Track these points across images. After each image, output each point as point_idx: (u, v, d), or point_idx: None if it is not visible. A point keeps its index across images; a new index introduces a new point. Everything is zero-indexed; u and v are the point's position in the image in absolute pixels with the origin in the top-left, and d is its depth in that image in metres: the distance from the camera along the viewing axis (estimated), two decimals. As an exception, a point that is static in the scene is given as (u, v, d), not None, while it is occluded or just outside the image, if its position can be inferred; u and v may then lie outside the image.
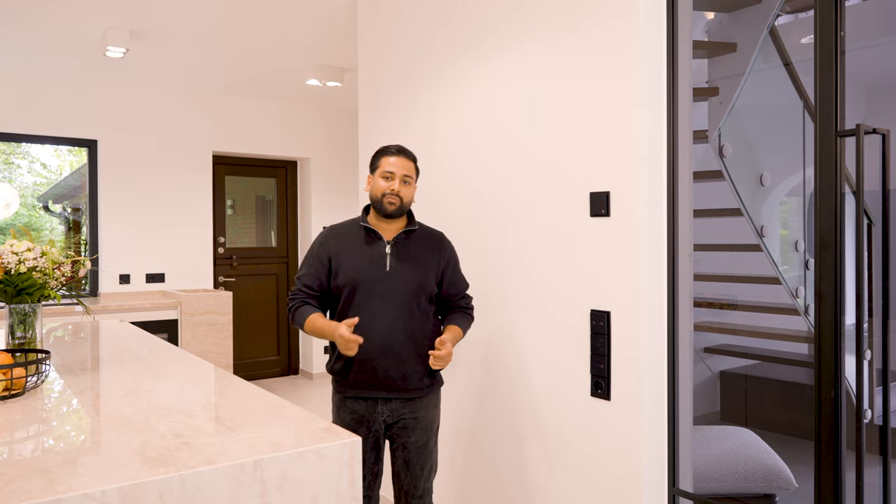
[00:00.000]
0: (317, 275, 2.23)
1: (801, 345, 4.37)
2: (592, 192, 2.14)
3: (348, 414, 2.21)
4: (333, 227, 2.32)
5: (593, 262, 2.16)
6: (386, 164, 2.22)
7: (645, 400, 2.01)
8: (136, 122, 5.49)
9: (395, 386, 2.18)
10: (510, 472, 2.53)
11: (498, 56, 2.55)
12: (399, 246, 2.22)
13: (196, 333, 5.04)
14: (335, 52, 4.56)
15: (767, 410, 4.27)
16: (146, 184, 5.53)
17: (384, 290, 2.16)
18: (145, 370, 2.03)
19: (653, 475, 2.03)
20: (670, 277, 2.03)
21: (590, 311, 2.16)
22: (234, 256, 6.19)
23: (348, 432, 1.43)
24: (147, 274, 5.51)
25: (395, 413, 2.22)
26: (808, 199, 3.97)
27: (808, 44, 4.03)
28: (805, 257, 3.62)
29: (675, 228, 2.03)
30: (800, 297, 3.56)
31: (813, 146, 3.25)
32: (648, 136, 2.02)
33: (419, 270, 2.21)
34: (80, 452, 1.26)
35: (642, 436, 2.00)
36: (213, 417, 1.52)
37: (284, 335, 6.49)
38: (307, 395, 5.80)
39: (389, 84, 3.24)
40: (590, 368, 2.16)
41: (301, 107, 6.31)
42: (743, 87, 3.17)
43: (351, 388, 2.20)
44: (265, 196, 6.50)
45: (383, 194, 2.20)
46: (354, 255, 2.20)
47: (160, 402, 1.63)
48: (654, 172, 2.03)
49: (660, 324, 2.03)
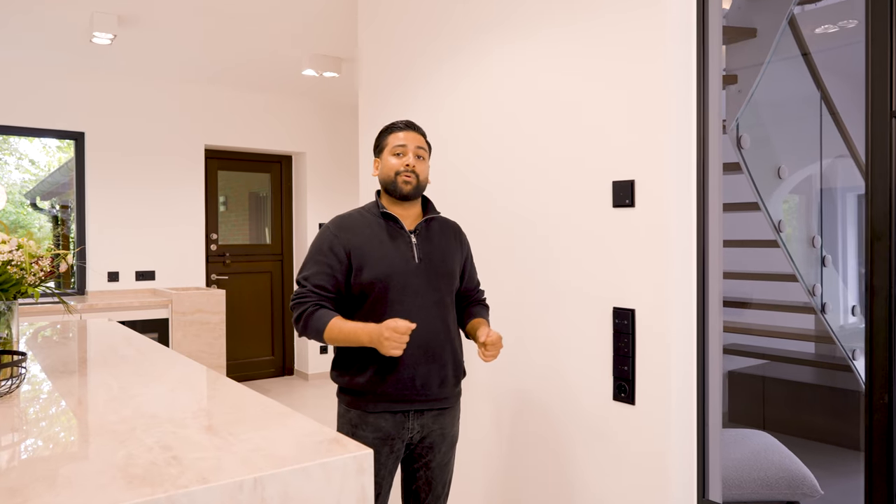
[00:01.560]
0: (331, 273, 1.90)
1: (809, 344, 4.26)
2: (616, 181, 2.00)
3: (371, 432, 1.91)
4: (342, 217, 2.00)
5: (616, 256, 2.01)
6: (395, 139, 1.98)
7: (674, 405, 1.86)
8: (125, 113, 5.31)
9: (431, 394, 1.93)
10: (527, 481, 2.38)
11: (508, 43, 2.40)
12: (423, 235, 1.98)
13: (187, 333, 4.87)
14: (332, 41, 4.40)
15: (778, 412, 4.14)
16: (135, 178, 5.35)
17: (418, 285, 1.91)
18: (133, 373, 1.88)
19: (681, 485, 1.88)
20: (700, 273, 1.89)
21: (612, 308, 2.01)
22: (226, 254, 6.01)
23: (357, 444, 1.28)
24: (137, 271, 5.34)
25: (425, 428, 1.96)
26: (823, 194, 3.84)
27: (822, 34, 3.91)
28: (822, 253, 3.49)
29: (706, 219, 1.88)
30: (816, 296, 3.43)
31: (840, 135, 3.08)
32: (678, 119, 1.87)
33: (449, 262, 2.00)
34: (55, 469, 1.11)
35: (671, 443, 1.86)
36: (205, 427, 1.37)
37: (279, 335, 6.32)
38: (303, 396, 5.64)
39: (392, 73, 3.08)
40: (612, 371, 2.02)
41: (296, 99, 6.14)
42: (763, 76, 3.04)
43: (379, 402, 1.91)
44: (259, 192, 6.33)
45: (397, 172, 1.94)
46: (380, 248, 1.92)
47: (147, 409, 1.48)
48: (683, 159, 1.89)
49: (689, 323, 1.89)
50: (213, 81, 5.56)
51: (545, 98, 2.26)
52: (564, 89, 2.19)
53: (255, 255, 6.20)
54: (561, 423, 2.21)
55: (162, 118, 5.46)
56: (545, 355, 2.27)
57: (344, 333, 1.83)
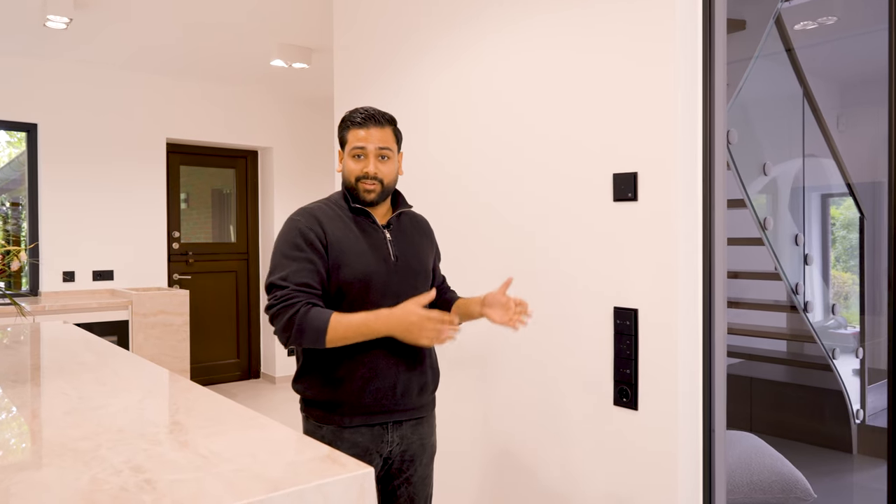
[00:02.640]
0: (315, 269, 1.67)
1: (782, 343, 4.25)
2: (616, 174, 1.89)
3: (348, 449, 1.70)
4: (310, 209, 1.78)
5: (617, 252, 1.91)
6: (354, 138, 1.76)
7: (681, 410, 1.76)
8: (82, 104, 5.03)
9: (411, 403, 1.78)
10: (522, 492, 2.27)
11: (502, 26, 2.28)
12: (396, 231, 1.82)
13: (149, 336, 4.64)
14: (303, 30, 4.22)
15: (757, 412, 4.11)
16: (93, 173, 5.08)
17: (397, 286, 1.75)
18: (94, 381, 1.70)
19: (687, 494, 1.79)
20: (706, 270, 1.80)
21: (612, 308, 1.91)
22: (190, 252, 5.77)
23: (356, 461, 1.14)
24: (94, 271, 5.07)
25: (405, 440, 1.80)
26: (805, 192, 3.82)
27: (801, 30, 3.89)
28: (805, 251, 3.46)
29: (711, 214, 1.79)
30: (799, 294, 3.40)
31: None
32: (685, 108, 1.78)
33: (423, 259, 1.85)
34: (4, 499, 0.95)
35: (678, 450, 1.76)
36: (181, 443, 1.22)
37: (245, 336, 6.10)
38: (271, 401, 5.44)
39: (373, 62, 2.93)
40: (612, 374, 1.91)
41: (263, 92, 5.93)
42: (751, 71, 2.98)
43: (355, 416, 1.72)
44: (222, 189, 6.09)
45: (357, 178, 1.75)
46: (356, 243, 1.73)
47: (113, 423, 1.32)
48: (689, 150, 1.79)
49: (695, 323, 1.80)
50: (176, 72, 5.32)
51: (541, 84, 2.15)
52: (562, 74, 2.07)
53: (219, 253, 5.97)
54: (557, 430, 2.10)
55: (121, 110, 5.20)
56: (540, 357, 2.15)
57: (353, 328, 1.62)
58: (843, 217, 3.95)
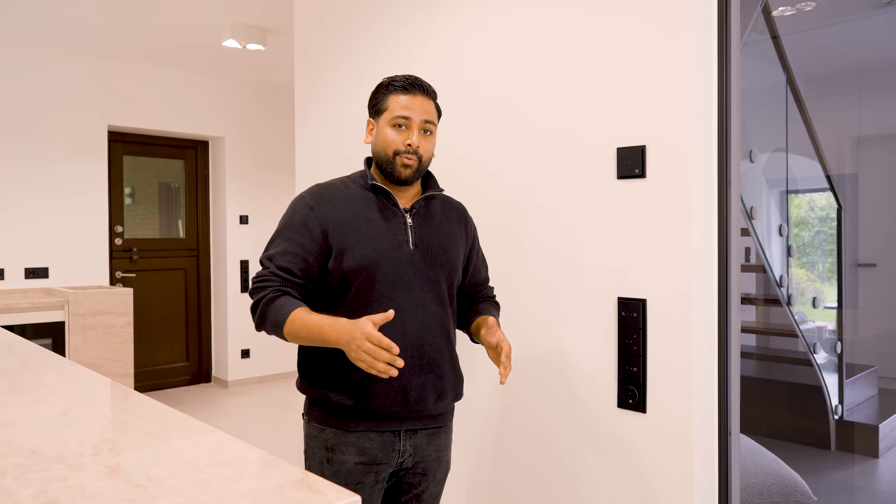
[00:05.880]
0: (300, 254, 1.50)
1: (751, 337, 4.16)
2: (620, 148, 1.69)
3: (353, 455, 1.51)
4: (321, 187, 1.59)
5: (621, 236, 1.70)
6: (396, 105, 1.53)
7: (696, 412, 1.57)
8: (12, 88, 4.61)
9: (426, 411, 1.54)
10: (521, 501, 2.05)
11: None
12: (421, 216, 1.58)
13: (88, 338, 4.26)
14: (258, 7, 3.93)
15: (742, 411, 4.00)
16: (26, 162, 4.65)
17: (411, 277, 1.52)
18: (9, 390, 1.42)
19: (703, 502, 1.60)
20: (722, 258, 1.61)
21: (616, 299, 1.70)
22: (134, 248, 5.38)
23: (338, 489, 0.90)
24: (26, 268, 4.65)
25: (419, 451, 1.57)
26: (789, 182, 3.72)
27: (778, 16, 3.79)
28: (788, 242, 3.35)
29: (727, 195, 1.60)
30: (783, 287, 3.28)
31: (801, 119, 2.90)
32: (699, 72, 1.58)
33: (450, 250, 1.60)
34: None
35: (693, 457, 1.56)
36: (110, 468, 0.95)
37: (194, 338, 5.73)
38: (223, 407, 5.10)
39: (340, 40, 2.67)
40: (617, 372, 1.71)
41: (215, 76, 5.57)
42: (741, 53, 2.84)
43: (363, 420, 1.52)
44: (170, 183, 5.71)
45: (396, 152, 1.52)
46: (366, 227, 1.51)
47: (26, 443, 1.05)
48: (703, 120, 1.60)
49: (710, 316, 1.60)
50: (119, 53, 4.93)
51: (532, 50, 1.93)
52: (559, 37, 1.86)
53: (166, 250, 5.59)
54: (555, 435, 1.88)
55: (57, 94, 4.79)
56: (536, 354, 1.94)
57: (307, 328, 1.41)
58: (822, 207, 3.88)
